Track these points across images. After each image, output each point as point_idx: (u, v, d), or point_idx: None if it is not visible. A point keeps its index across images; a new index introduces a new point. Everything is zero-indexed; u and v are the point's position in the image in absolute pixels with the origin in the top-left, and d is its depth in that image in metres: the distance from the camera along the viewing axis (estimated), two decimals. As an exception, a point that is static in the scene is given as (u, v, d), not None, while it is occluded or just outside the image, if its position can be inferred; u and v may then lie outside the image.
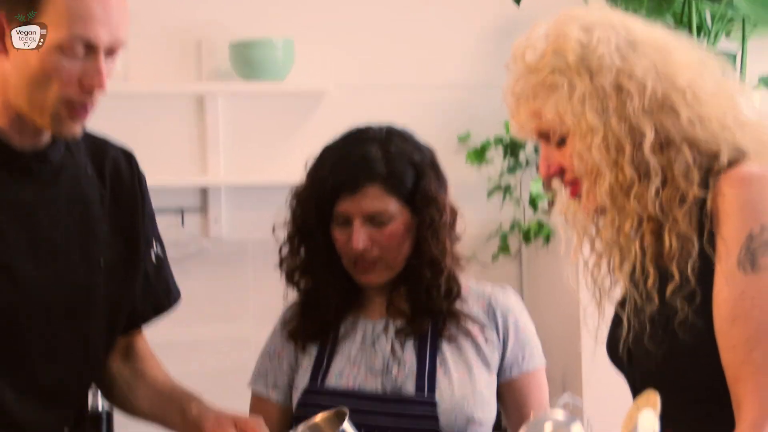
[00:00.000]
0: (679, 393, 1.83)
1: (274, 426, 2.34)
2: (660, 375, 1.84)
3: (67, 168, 2.06)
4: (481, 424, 2.26)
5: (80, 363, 2.08)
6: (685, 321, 1.80)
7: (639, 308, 1.85)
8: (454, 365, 2.27)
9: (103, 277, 2.08)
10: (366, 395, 2.26)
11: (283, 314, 2.40)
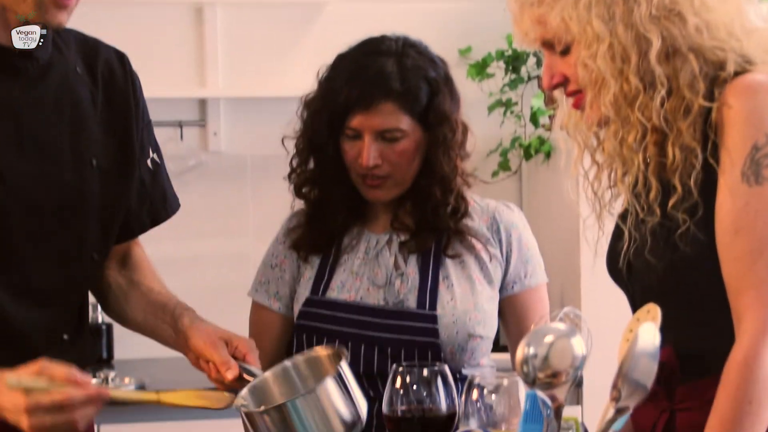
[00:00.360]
0: (679, 306, 1.82)
1: (275, 335, 2.35)
2: (660, 288, 1.83)
3: (55, 66, 2.04)
4: (482, 340, 2.26)
5: (73, 265, 2.07)
6: (686, 234, 1.79)
7: (640, 221, 1.84)
8: (456, 280, 2.27)
9: (96, 178, 2.07)
10: (367, 308, 2.26)
11: (287, 222, 2.39)
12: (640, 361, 1.54)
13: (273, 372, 1.95)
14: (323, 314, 2.26)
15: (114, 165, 2.11)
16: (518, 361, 1.58)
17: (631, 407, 1.58)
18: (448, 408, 1.84)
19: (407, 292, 2.26)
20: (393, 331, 2.23)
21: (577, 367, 1.58)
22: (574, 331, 1.59)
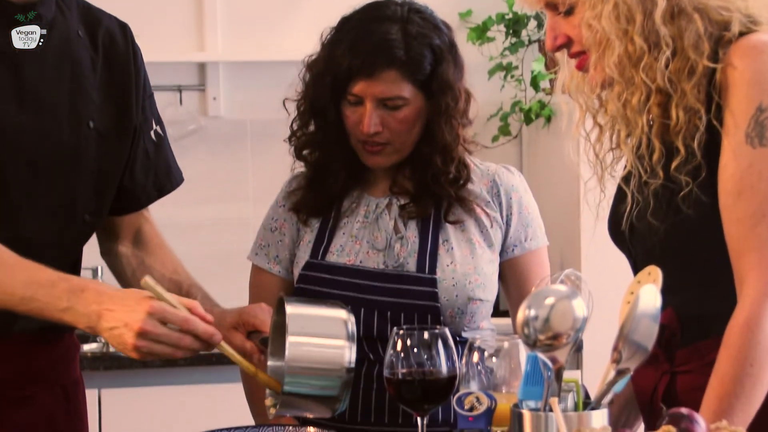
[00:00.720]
0: (681, 268, 1.82)
1: (276, 299, 2.34)
2: (662, 250, 1.83)
3: (57, 27, 2.04)
4: (482, 303, 2.26)
5: (65, 223, 2.08)
6: (689, 196, 1.78)
7: (643, 183, 1.84)
8: (456, 243, 2.26)
9: (92, 140, 2.08)
10: (367, 271, 2.25)
11: (286, 185, 2.38)
12: (641, 322, 1.54)
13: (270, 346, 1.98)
14: (323, 278, 2.26)
15: (111, 130, 2.11)
16: (519, 323, 1.58)
17: (632, 369, 1.57)
18: (449, 371, 1.84)
19: (407, 256, 2.26)
20: (393, 294, 2.23)
21: (578, 329, 1.57)
22: (575, 293, 1.58)
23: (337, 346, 1.84)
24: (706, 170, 1.77)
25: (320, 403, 1.86)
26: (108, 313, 1.82)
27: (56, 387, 2.18)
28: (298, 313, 1.87)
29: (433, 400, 1.85)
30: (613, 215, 1.95)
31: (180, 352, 1.83)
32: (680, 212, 1.79)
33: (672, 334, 1.85)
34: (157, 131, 2.22)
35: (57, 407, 2.17)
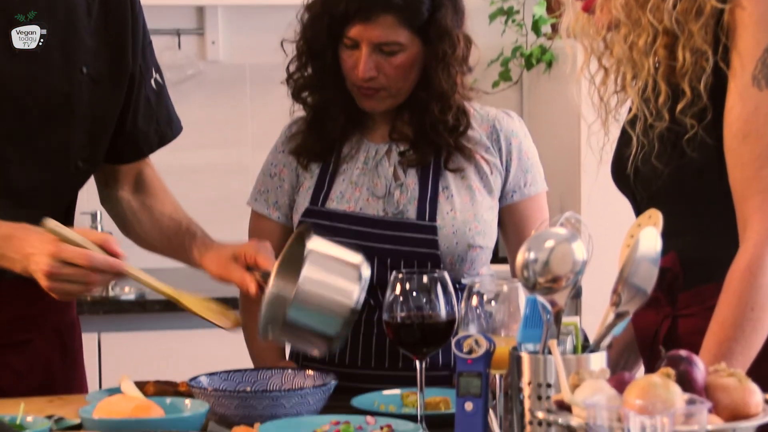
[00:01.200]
0: (684, 212, 1.81)
1: (274, 244, 2.33)
2: (666, 194, 1.82)
3: None
4: (482, 250, 2.25)
5: (56, 171, 2.07)
6: (693, 138, 1.77)
7: (648, 126, 1.82)
8: (456, 190, 2.25)
9: (85, 86, 2.06)
10: (367, 218, 2.25)
11: (286, 129, 2.37)
12: (640, 265, 1.53)
13: (277, 271, 1.96)
14: (322, 224, 2.25)
15: (106, 75, 2.10)
16: (518, 266, 1.57)
17: (631, 312, 1.57)
18: (448, 314, 1.84)
19: (407, 203, 2.25)
20: (392, 242, 2.23)
21: (578, 272, 1.56)
22: (574, 236, 1.57)
23: (348, 287, 1.84)
24: (712, 113, 1.76)
25: (317, 338, 1.86)
26: (31, 258, 1.86)
27: (50, 331, 2.18)
28: (319, 247, 1.88)
29: (431, 343, 1.85)
30: (616, 159, 1.94)
31: (93, 287, 1.87)
32: (685, 155, 1.78)
33: (674, 278, 1.84)
34: (156, 79, 2.21)
35: (52, 351, 2.18)
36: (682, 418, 1.30)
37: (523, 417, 1.63)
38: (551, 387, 1.60)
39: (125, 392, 1.87)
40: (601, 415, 1.32)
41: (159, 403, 1.80)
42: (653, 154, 1.81)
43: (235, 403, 1.85)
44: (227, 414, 1.86)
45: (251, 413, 1.84)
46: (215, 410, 1.86)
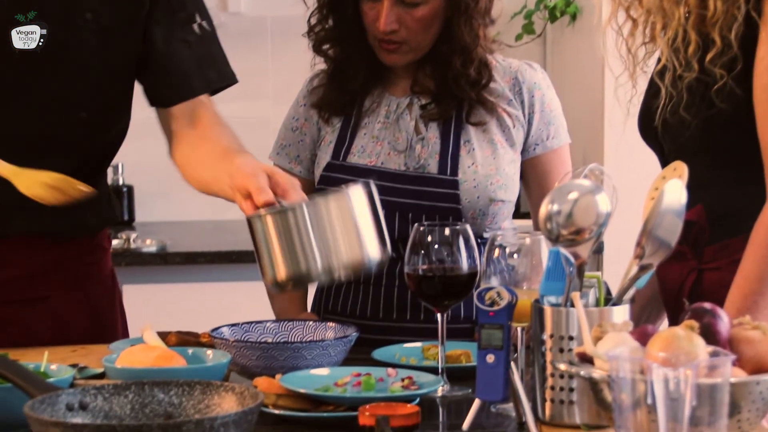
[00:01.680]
0: (712, 164, 1.80)
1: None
2: (694, 146, 1.80)
3: None
4: (504, 204, 2.24)
5: (57, 119, 2.04)
6: (723, 88, 1.75)
7: (677, 77, 1.80)
8: (478, 144, 2.24)
9: (90, 34, 2.02)
10: (388, 173, 2.24)
11: (307, 83, 2.36)
12: (665, 218, 1.52)
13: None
14: (344, 179, 2.24)
15: (114, 22, 2.05)
16: (541, 218, 1.56)
17: (655, 265, 1.56)
18: (470, 267, 1.83)
19: (428, 157, 2.24)
20: (414, 196, 2.22)
21: (601, 225, 1.55)
22: (598, 187, 1.56)
23: (354, 249, 1.73)
24: (742, 63, 1.74)
25: (286, 257, 1.74)
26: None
27: (70, 287, 2.17)
28: (361, 199, 1.76)
29: (453, 296, 1.85)
30: (644, 111, 1.92)
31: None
32: (714, 106, 1.76)
33: (700, 231, 1.83)
34: (202, 25, 2.14)
35: (71, 305, 2.17)
36: (706, 371, 1.29)
37: (544, 369, 1.63)
38: (573, 340, 1.60)
39: (148, 342, 1.88)
40: (623, 368, 1.31)
41: (181, 353, 1.81)
42: (682, 105, 1.80)
43: (256, 354, 1.85)
44: (248, 365, 1.87)
45: (272, 364, 1.85)
46: (237, 361, 1.87)
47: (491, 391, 1.63)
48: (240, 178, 1.82)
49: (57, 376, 1.69)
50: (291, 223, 1.71)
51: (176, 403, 1.51)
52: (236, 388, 1.50)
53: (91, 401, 1.48)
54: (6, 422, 1.61)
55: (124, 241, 3.52)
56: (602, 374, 1.44)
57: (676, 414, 1.27)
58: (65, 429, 1.35)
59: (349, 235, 1.72)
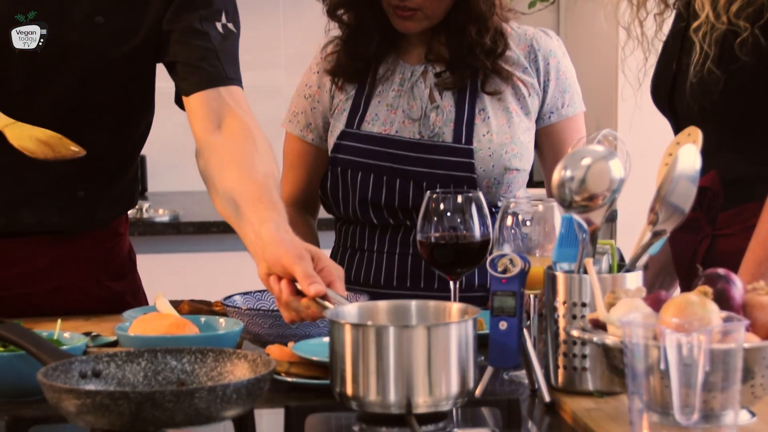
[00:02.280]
0: (728, 130, 1.79)
1: (309, 167, 2.33)
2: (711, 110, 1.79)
3: None
4: (518, 173, 2.23)
5: (51, 119, 1.98)
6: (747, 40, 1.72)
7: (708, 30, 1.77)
8: (493, 112, 2.23)
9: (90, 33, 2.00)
10: (403, 141, 2.23)
11: (321, 50, 2.34)
12: (679, 183, 1.51)
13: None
14: (358, 147, 2.24)
15: (118, 19, 2.02)
16: (555, 183, 1.56)
17: (668, 231, 1.55)
18: (482, 235, 1.82)
19: (442, 125, 2.23)
20: (428, 165, 2.21)
21: (615, 190, 1.55)
22: (612, 153, 1.55)
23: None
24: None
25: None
26: None
27: (89, 278, 2.17)
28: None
29: (465, 264, 1.84)
30: (656, 78, 1.91)
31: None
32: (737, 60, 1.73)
33: (714, 197, 1.82)
34: (226, 26, 2.05)
35: (91, 292, 2.17)
36: (719, 336, 1.29)
37: (557, 336, 1.62)
38: (586, 306, 1.59)
39: (160, 310, 1.88)
40: (636, 333, 1.31)
41: (193, 321, 1.81)
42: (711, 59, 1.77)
43: (269, 323, 1.85)
44: (261, 333, 1.87)
45: (285, 332, 1.85)
46: (249, 329, 1.87)
47: (504, 358, 1.63)
48: (281, 255, 1.66)
49: (70, 344, 1.70)
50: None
51: (189, 370, 1.51)
52: (249, 355, 1.50)
53: (104, 369, 1.49)
54: (19, 389, 1.62)
55: (136, 211, 3.53)
56: (615, 340, 1.44)
57: (689, 379, 1.27)
58: (79, 396, 1.35)
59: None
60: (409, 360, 1.43)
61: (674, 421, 1.28)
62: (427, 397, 1.44)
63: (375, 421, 1.44)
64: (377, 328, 1.44)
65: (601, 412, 1.52)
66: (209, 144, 1.94)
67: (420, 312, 1.56)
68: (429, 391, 1.43)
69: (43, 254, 2.10)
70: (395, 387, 1.43)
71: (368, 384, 1.44)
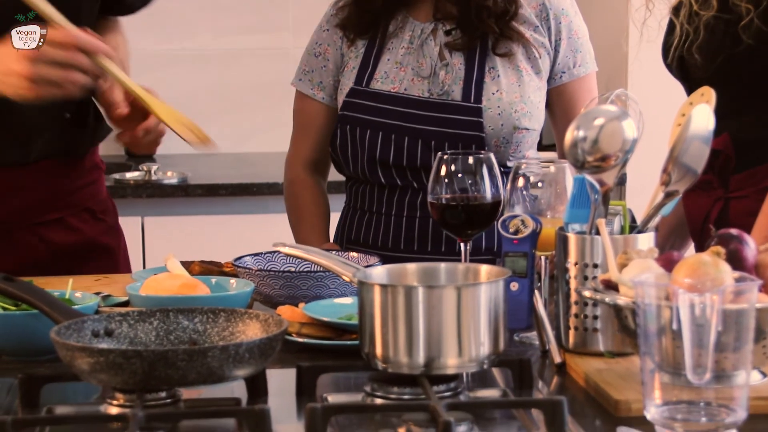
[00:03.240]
0: (739, 93, 1.78)
1: (319, 126, 2.32)
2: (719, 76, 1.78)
3: None
4: (528, 132, 2.22)
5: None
6: (750, 24, 1.72)
7: (693, 13, 1.78)
8: (503, 71, 2.22)
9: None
10: (411, 99, 2.22)
11: (332, 5, 2.33)
12: (692, 144, 1.51)
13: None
14: (367, 105, 2.23)
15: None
16: (567, 144, 1.55)
17: (681, 192, 1.55)
18: (493, 196, 1.81)
19: (452, 84, 2.22)
20: (437, 123, 2.20)
21: (627, 151, 1.54)
22: (625, 113, 1.55)
23: None
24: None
25: None
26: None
27: (83, 211, 2.20)
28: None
29: (476, 225, 1.84)
30: (665, 44, 1.90)
31: (75, 77, 1.81)
32: (740, 42, 1.73)
33: (726, 160, 1.81)
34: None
35: (90, 228, 2.20)
36: (732, 296, 1.29)
37: (568, 297, 1.62)
38: (598, 267, 1.59)
39: (171, 271, 1.88)
40: (649, 294, 1.31)
41: (204, 281, 1.81)
42: (697, 43, 1.77)
43: (279, 284, 1.86)
44: (272, 294, 1.87)
45: (295, 293, 1.85)
46: (260, 290, 1.87)
47: (515, 320, 1.63)
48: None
49: (82, 304, 1.70)
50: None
51: (201, 330, 1.51)
52: (260, 315, 1.50)
53: (117, 328, 1.49)
54: (32, 348, 1.63)
55: (145, 173, 3.52)
56: (627, 301, 1.44)
57: (702, 340, 1.27)
58: (92, 354, 1.36)
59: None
60: (439, 321, 1.42)
61: (686, 381, 1.28)
62: (455, 359, 1.43)
63: (387, 381, 1.45)
64: (406, 288, 1.44)
65: (612, 373, 1.52)
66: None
67: (449, 274, 1.55)
68: (458, 352, 1.43)
69: (41, 186, 2.12)
70: (424, 348, 1.42)
71: (397, 345, 1.43)
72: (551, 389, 1.55)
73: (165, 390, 1.40)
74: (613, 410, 1.43)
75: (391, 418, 1.38)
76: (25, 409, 1.44)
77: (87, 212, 2.22)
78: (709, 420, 1.29)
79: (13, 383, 1.50)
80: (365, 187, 2.29)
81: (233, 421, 1.38)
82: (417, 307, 1.42)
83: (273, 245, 1.68)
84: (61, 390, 1.50)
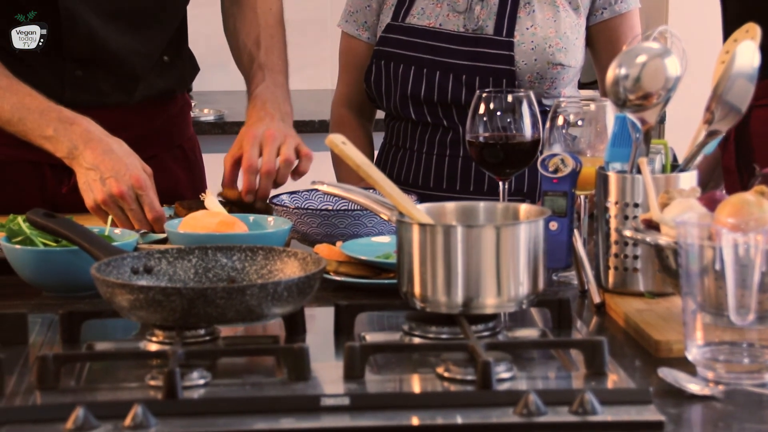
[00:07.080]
0: None
1: (364, 65, 2.31)
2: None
3: None
4: (563, 69, 2.20)
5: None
6: None
7: None
8: (539, 6, 2.19)
9: None
10: (444, 34, 2.20)
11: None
12: (736, 82, 1.48)
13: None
14: (400, 40, 2.22)
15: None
16: (609, 82, 1.53)
17: (724, 131, 1.53)
18: (532, 135, 1.80)
19: (486, 18, 2.20)
20: (468, 57, 2.19)
21: (670, 89, 1.52)
22: (668, 51, 1.52)
23: None
24: None
25: None
26: (91, 154, 1.87)
27: (174, 147, 2.26)
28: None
29: (515, 164, 1.82)
30: None
31: (130, 225, 1.88)
32: None
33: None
34: None
35: (177, 165, 2.25)
36: (776, 237, 1.27)
37: (608, 237, 1.61)
38: (639, 207, 1.58)
39: (209, 208, 1.88)
40: (691, 233, 1.29)
41: (243, 219, 1.81)
42: None
43: (317, 222, 1.85)
44: (309, 232, 1.87)
45: (333, 231, 1.85)
46: (297, 228, 1.87)
47: (554, 259, 1.62)
48: (241, 134, 2.06)
49: (121, 241, 1.70)
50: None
51: (239, 267, 1.51)
52: (299, 254, 1.50)
53: (156, 265, 1.49)
54: (72, 284, 1.64)
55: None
56: (668, 241, 1.43)
57: (745, 280, 1.25)
58: (132, 291, 1.36)
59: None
60: (478, 260, 1.41)
61: (728, 322, 1.27)
62: (494, 298, 1.42)
63: (425, 321, 1.44)
64: (445, 227, 1.43)
65: (653, 313, 1.51)
66: (229, 15, 2.23)
67: (488, 213, 1.54)
68: (497, 291, 1.42)
69: (139, 124, 2.17)
70: (463, 287, 1.42)
71: (435, 284, 1.43)
72: (590, 330, 1.54)
73: (204, 327, 1.41)
74: (653, 351, 1.42)
75: (430, 358, 1.38)
76: (66, 344, 1.45)
77: (179, 149, 2.28)
78: (751, 361, 1.29)
79: (54, 319, 1.51)
80: (401, 124, 2.28)
81: (271, 359, 1.38)
82: (456, 247, 1.41)
83: (311, 183, 1.68)
84: (101, 326, 1.51)
